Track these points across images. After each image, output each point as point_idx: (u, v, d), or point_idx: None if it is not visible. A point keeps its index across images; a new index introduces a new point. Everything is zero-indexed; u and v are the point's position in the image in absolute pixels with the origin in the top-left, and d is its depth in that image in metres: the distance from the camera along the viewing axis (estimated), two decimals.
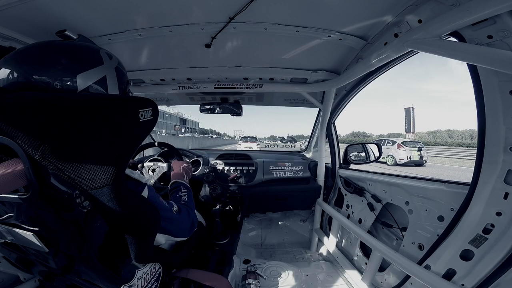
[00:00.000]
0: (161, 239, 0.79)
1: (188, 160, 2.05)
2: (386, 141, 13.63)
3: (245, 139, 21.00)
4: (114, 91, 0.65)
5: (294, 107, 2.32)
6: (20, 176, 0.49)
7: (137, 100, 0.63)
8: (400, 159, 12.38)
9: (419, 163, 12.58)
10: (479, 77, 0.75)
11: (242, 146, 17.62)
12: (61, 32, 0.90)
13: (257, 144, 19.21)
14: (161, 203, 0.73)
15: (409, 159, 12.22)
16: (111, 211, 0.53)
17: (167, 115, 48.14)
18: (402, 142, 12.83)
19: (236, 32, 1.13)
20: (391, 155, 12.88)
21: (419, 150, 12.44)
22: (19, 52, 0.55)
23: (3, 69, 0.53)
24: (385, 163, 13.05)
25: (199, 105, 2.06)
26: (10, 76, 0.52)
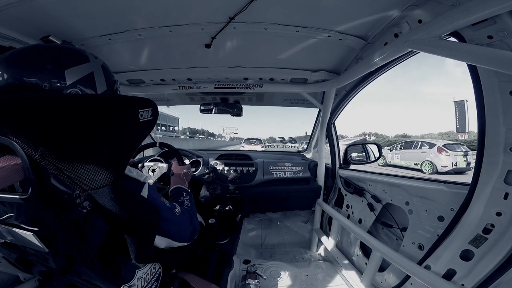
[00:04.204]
0: (161, 243, 0.75)
1: (188, 161, 2.05)
2: (420, 143, 10.79)
3: (249, 141, 21.13)
4: (102, 88, 0.65)
5: (294, 108, 2.32)
6: (17, 171, 0.49)
7: (137, 100, 0.63)
8: (442, 166, 9.31)
9: (463, 171, 9.34)
10: (479, 78, 0.75)
11: (246, 149, 17.10)
12: (45, 37, 0.99)
13: (262, 147, 18.62)
14: (162, 204, 0.73)
15: (454, 166, 9.21)
16: (110, 211, 0.53)
17: None
18: (444, 145, 9.69)
19: (236, 32, 1.13)
20: (429, 161, 9.85)
21: (465, 154, 9.34)
22: (8, 55, 0.56)
23: None
24: (420, 170, 10.11)
25: (199, 106, 2.07)
26: (0, 78, 0.52)
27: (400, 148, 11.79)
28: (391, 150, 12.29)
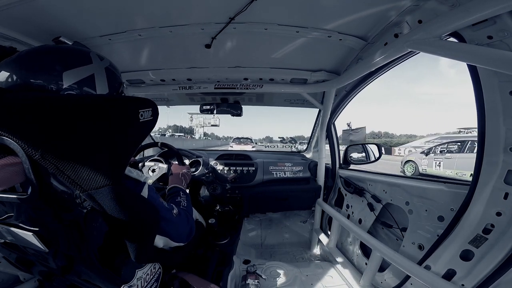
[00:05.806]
0: (160, 242, 0.76)
1: (188, 161, 2.05)
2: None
3: (238, 140, 17.91)
4: (103, 91, 0.64)
5: (290, 108, 2.31)
6: (18, 173, 0.49)
7: (137, 100, 0.63)
8: None
9: None
10: (479, 78, 0.75)
11: (235, 149, 13.33)
12: (56, 38, 0.99)
13: (253, 146, 15.72)
14: (161, 204, 0.73)
15: None
16: (111, 211, 0.53)
17: None
18: None
19: (236, 33, 1.13)
20: None
21: None
22: (17, 56, 0.57)
23: (3, 72, 0.54)
24: None
25: (199, 106, 2.07)
26: (10, 79, 0.53)
27: (442, 152, 8.01)
28: (426, 154, 8.51)
